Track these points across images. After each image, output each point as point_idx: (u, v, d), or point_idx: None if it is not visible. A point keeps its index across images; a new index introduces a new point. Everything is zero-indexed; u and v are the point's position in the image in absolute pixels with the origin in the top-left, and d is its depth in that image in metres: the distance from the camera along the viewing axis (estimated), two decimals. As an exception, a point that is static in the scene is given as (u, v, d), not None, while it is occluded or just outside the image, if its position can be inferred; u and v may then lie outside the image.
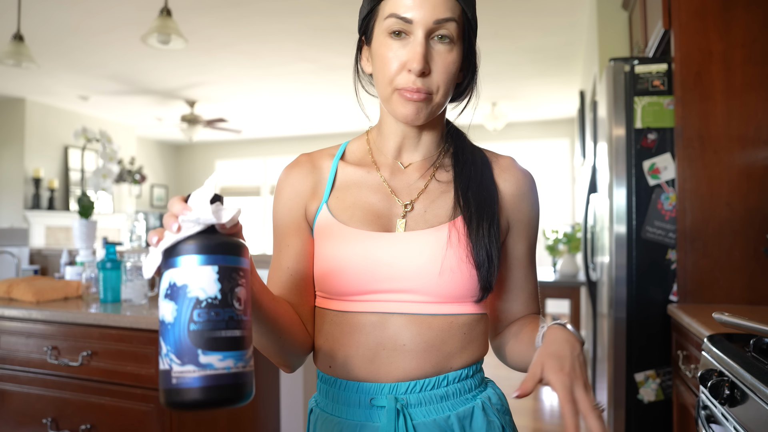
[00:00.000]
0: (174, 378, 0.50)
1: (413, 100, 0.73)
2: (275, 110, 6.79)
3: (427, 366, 0.73)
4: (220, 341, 0.51)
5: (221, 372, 0.50)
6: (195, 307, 0.50)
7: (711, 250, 1.77)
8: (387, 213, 0.78)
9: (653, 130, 1.87)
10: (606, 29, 3.05)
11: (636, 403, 1.86)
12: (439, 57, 0.72)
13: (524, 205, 0.82)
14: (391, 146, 0.82)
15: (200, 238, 0.53)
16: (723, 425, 0.99)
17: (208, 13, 3.76)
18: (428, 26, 0.71)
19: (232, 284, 0.52)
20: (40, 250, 2.75)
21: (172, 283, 0.52)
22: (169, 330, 0.51)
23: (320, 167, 0.84)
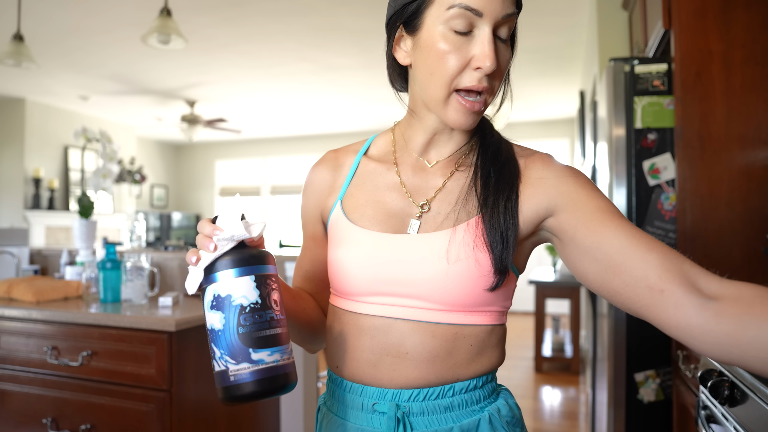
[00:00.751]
0: (231, 376, 0.58)
1: (474, 111, 0.68)
2: (275, 110, 6.79)
3: (430, 376, 0.70)
4: (266, 339, 0.59)
5: (271, 365, 0.59)
6: (240, 313, 0.59)
7: (711, 250, 1.77)
8: (400, 213, 0.74)
9: (653, 130, 1.87)
10: (606, 29, 3.05)
11: (636, 403, 1.86)
12: (501, 55, 0.67)
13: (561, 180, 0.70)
14: (420, 142, 0.77)
15: (234, 253, 0.61)
16: (723, 425, 0.99)
17: (208, 13, 3.76)
18: (497, 20, 0.65)
19: (268, 289, 0.61)
20: (40, 250, 2.75)
21: (216, 295, 0.60)
22: (221, 336, 0.59)
23: (343, 164, 0.81)
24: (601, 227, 0.64)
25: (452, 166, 0.76)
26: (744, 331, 0.53)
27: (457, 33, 0.65)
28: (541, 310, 4.26)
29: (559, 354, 4.35)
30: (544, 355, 4.29)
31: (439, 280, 0.68)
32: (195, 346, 1.78)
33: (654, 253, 0.61)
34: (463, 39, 0.65)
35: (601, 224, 0.65)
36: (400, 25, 0.72)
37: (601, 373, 2.22)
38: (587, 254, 0.65)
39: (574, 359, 4.21)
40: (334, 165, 0.82)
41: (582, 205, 0.67)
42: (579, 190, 0.68)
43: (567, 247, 0.68)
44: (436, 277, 0.68)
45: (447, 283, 0.68)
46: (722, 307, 0.56)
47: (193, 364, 1.76)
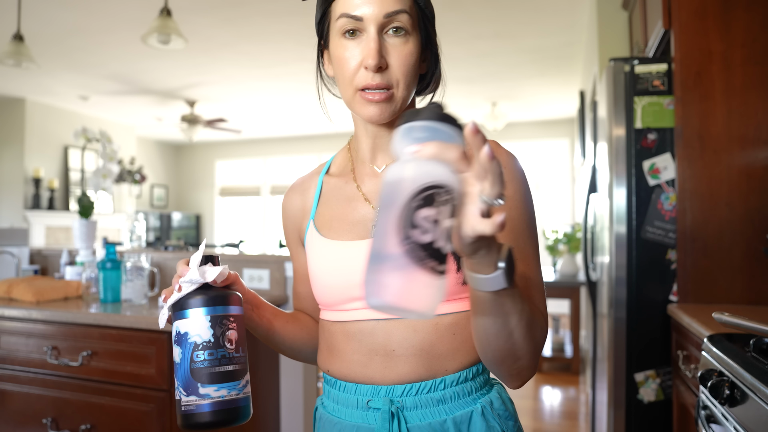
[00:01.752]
0: (183, 406, 0.65)
1: (375, 101, 0.72)
2: (275, 110, 6.79)
3: (420, 370, 0.72)
4: (214, 375, 0.65)
5: (217, 399, 0.64)
6: (194, 350, 0.65)
7: (711, 250, 1.77)
8: (363, 220, 0.78)
9: (653, 130, 1.87)
10: (606, 29, 3.05)
11: (636, 403, 1.86)
12: (395, 50, 0.72)
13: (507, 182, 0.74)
14: (365, 149, 0.82)
15: (197, 294, 0.67)
16: (723, 425, 0.99)
17: (208, 13, 3.76)
18: (379, 21, 0.70)
19: (223, 329, 0.66)
20: (40, 250, 2.75)
21: (177, 331, 0.67)
22: (178, 368, 0.66)
23: (309, 187, 0.88)
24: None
25: None
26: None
27: (348, 39, 0.73)
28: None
29: (559, 354, 4.35)
30: (544, 355, 4.29)
31: None
32: (195, 346, 1.78)
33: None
34: (354, 43, 0.72)
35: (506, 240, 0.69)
36: (320, 41, 0.81)
37: (601, 373, 2.22)
38: None
39: (574, 359, 4.21)
40: (302, 189, 0.88)
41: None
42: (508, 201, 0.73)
43: None
44: None
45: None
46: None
47: (193, 364, 1.76)
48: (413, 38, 0.73)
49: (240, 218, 9.06)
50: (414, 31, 0.73)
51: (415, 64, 0.73)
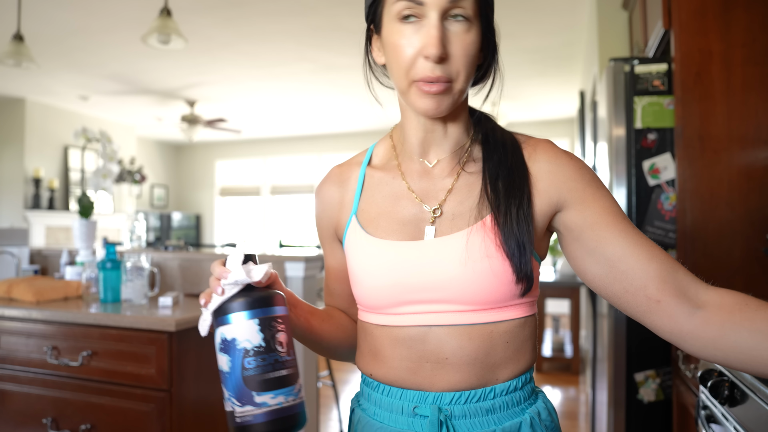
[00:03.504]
0: (238, 418, 0.61)
1: (432, 93, 0.67)
2: (275, 110, 6.79)
3: (472, 379, 0.70)
4: (269, 382, 0.60)
5: (275, 407, 0.60)
6: (245, 356, 0.60)
7: (711, 250, 1.77)
8: (414, 219, 0.74)
9: (653, 130, 1.87)
10: (606, 29, 3.05)
11: (636, 403, 1.86)
12: (457, 39, 0.66)
13: (568, 174, 0.72)
14: (415, 143, 0.76)
15: (241, 297, 0.62)
16: (723, 425, 0.99)
17: (208, 13, 3.76)
18: (442, 6, 0.65)
19: (273, 331, 0.62)
20: (40, 250, 2.75)
21: (223, 338, 0.62)
22: (228, 378, 0.61)
23: (348, 178, 0.82)
24: (606, 231, 0.68)
25: (457, 165, 0.76)
26: (725, 337, 0.61)
27: (406, 24, 0.67)
28: (541, 310, 4.26)
29: (559, 354, 4.35)
30: (544, 355, 4.29)
31: (463, 280, 0.68)
32: (195, 346, 1.78)
33: (654, 264, 0.65)
34: (412, 29, 0.67)
35: (606, 228, 0.68)
36: (370, 26, 0.75)
37: (601, 373, 2.22)
38: (590, 255, 0.69)
39: (574, 359, 4.21)
40: (340, 180, 0.82)
41: (589, 204, 0.70)
42: (586, 188, 0.71)
43: (571, 244, 0.71)
44: (460, 278, 0.68)
45: (472, 283, 0.68)
46: (707, 316, 0.63)
47: (193, 364, 1.76)
48: (475, 26, 0.68)
49: (240, 218, 9.06)
50: (476, 18, 0.68)
51: (476, 54, 0.69)
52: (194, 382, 1.77)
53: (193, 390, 1.76)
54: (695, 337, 0.63)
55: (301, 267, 2.18)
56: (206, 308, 0.64)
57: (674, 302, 0.64)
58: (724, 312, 0.62)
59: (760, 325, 0.59)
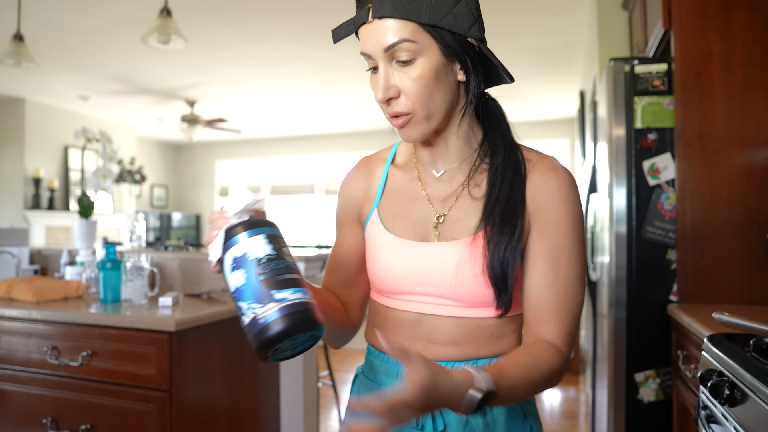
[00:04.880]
0: (260, 319, 0.63)
1: (399, 126, 0.77)
2: (275, 110, 6.79)
3: (456, 354, 0.80)
4: (285, 281, 0.65)
5: (295, 301, 0.64)
6: (258, 264, 0.65)
7: (711, 250, 1.77)
8: (424, 222, 0.84)
9: (653, 130, 1.87)
10: (606, 29, 3.05)
11: (636, 403, 1.86)
12: (404, 76, 0.75)
13: (548, 203, 0.79)
14: (424, 155, 0.87)
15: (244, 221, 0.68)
16: (723, 425, 0.99)
17: (208, 13, 3.76)
18: (383, 56, 0.74)
19: (280, 244, 0.67)
20: (40, 250, 2.75)
21: (234, 257, 0.66)
22: (244, 289, 0.64)
23: (374, 171, 0.91)
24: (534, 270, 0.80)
25: (464, 177, 0.84)
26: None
27: (372, 74, 0.78)
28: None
29: (559, 354, 4.35)
30: (544, 355, 4.29)
31: (455, 284, 0.78)
32: (195, 346, 1.78)
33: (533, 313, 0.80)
34: (375, 77, 0.77)
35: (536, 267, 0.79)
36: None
37: (601, 373, 2.22)
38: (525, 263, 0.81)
39: (574, 359, 4.21)
40: (366, 172, 0.92)
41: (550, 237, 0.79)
42: (557, 221, 0.79)
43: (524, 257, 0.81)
44: (453, 281, 0.78)
45: (462, 287, 0.78)
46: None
47: (193, 364, 1.76)
48: (424, 60, 0.74)
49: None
50: (424, 53, 0.74)
51: (431, 83, 0.75)
52: (194, 382, 1.77)
53: (193, 390, 1.76)
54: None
55: (301, 267, 2.18)
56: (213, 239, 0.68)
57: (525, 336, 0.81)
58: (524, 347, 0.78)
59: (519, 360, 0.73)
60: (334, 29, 0.78)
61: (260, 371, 2.11)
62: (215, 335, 1.87)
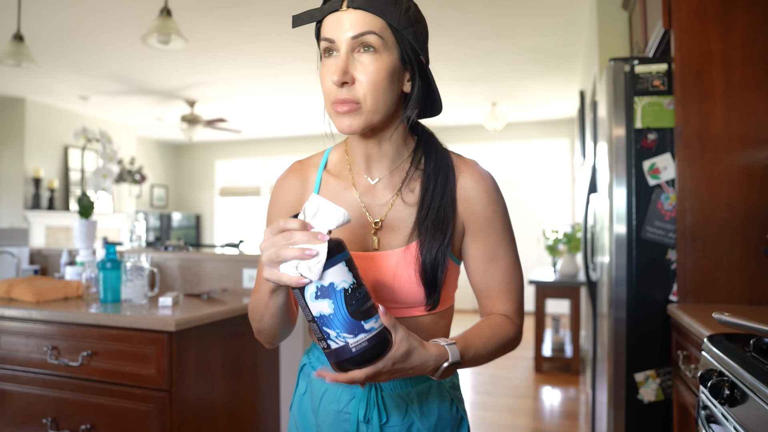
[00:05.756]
0: (353, 347, 0.68)
1: (342, 113, 0.79)
2: (275, 110, 6.79)
3: None
4: (369, 310, 0.69)
5: (379, 329, 0.70)
6: (345, 294, 0.68)
7: (711, 250, 1.77)
8: (361, 231, 0.88)
9: (653, 130, 1.87)
10: (606, 29, 3.05)
11: (636, 403, 1.86)
12: (363, 66, 0.78)
13: (478, 207, 0.88)
14: (360, 160, 0.90)
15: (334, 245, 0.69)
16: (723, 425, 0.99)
17: (208, 13, 3.76)
18: (348, 43, 0.78)
19: (355, 268, 0.70)
20: (40, 250, 2.75)
21: (318, 286, 0.68)
22: (333, 318, 0.68)
23: (308, 177, 0.93)
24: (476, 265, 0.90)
25: (397, 183, 0.89)
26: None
27: (327, 57, 0.81)
28: (541, 310, 4.26)
29: (559, 354, 4.35)
30: (544, 355, 4.29)
31: (393, 288, 0.85)
32: (195, 346, 1.78)
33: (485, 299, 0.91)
34: (330, 61, 0.80)
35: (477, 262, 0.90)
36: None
37: (601, 373, 2.22)
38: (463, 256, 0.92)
39: (574, 359, 4.21)
40: (302, 176, 0.94)
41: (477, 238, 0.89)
42: (489, 221, 0.88)
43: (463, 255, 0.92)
44: (391, 286, 0.85)
45: (399, 291, 0.85)
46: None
47: (193, 364, 1.76)
48: (386, 56, 0.79)
49: (240, 218, 9.06)
50: (386, 50, 0.79)
51: (386, 79, 0.79)
52: (194, 382, 1.77)
53: (193, 390, 1.76)
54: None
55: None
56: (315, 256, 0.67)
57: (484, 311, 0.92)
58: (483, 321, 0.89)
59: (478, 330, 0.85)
60: (296, 15, 0.81)
61: (260, 371, 2.11)
62: (215, 335, 1.87)
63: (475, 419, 3.22)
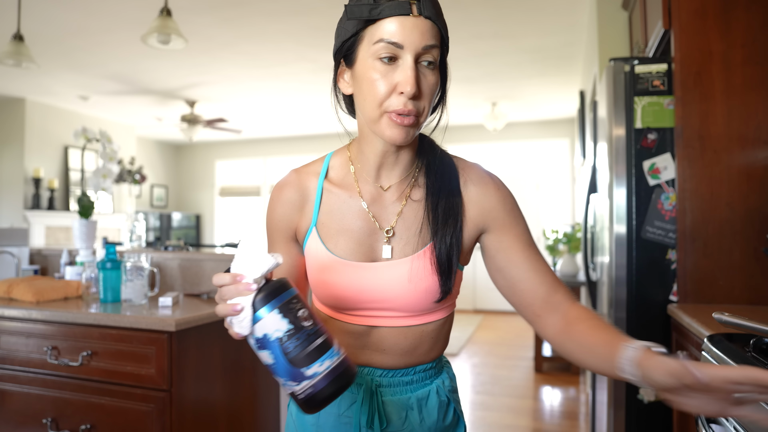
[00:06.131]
0: (300, 394, 0.67)
1: (404, 125, 0.77)
2: (275, 110, 6.79)
3: (400, 363, 0.89)
4: (311, 354, 0.66)
5: (326, 371, 0.66)
6: (281, 344, 0.66)
7: (711, 250, 1.77)
8: (368, 240, 0.86)
9: (653, 130, 1.87)
10: (606, 29, 3.05)
11: (636, 403, 1.86)
12: (425, 80, 0.77)
13: (493, 204, 0.86)
14: (372, 166, 0.86)
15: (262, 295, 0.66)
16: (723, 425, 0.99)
17: (208, 13, 3.76)
18: (417, 51, 0.75)
19: (294, 312, 0.67)
20: (40, 250, 2.75)
21: (255, 338, 0.67)
22: (276, 367, 0.67)
23: (307, 187, 0.89)
24: (514, 255, 0.86)
25: (406, 190, 0.87)
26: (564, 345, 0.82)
27: (384, 63, 0.76)
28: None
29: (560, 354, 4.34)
30: (545, 355, 4.29)
31: (405, 297, 0.84)
32: (195, 346, 1.78)
33: (542, 288, 0.85)
34: (388, 68, 0.76)
35: (514, 253, 0.86)
36: (341, 59, 0.83)
37: (601, 373, 2.22)
38: (499, 272, 0.88)
39: (574, 359, 4.21)
40: (300, 188, 0.90)
41: (506, 231, 0.87)
42: (506, 216, 0.87)
43: (487, 259, 0.89)
44: (403, 295, 0.84)
45: (412, 299, 0.84)
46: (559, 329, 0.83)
47: (193, 364, 1.76)
48: (436, 72, 0.79)
49: (240, 218, 9.06)
50: (437, 65, 0.79)
51: (436, 94, 0.80)
52: (194, 382, 1.77)
53: (193, 390, 1.76)
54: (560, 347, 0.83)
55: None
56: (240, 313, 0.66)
57: (549, 317, 0.84)
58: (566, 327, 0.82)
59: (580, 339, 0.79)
60: (351, 5, 0.77)
61: (260, 371, 2.11)
62: (215, 335, 1.87)
63: (475, 419, 3.22)
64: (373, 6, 0.75)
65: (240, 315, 0.66)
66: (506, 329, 6.08)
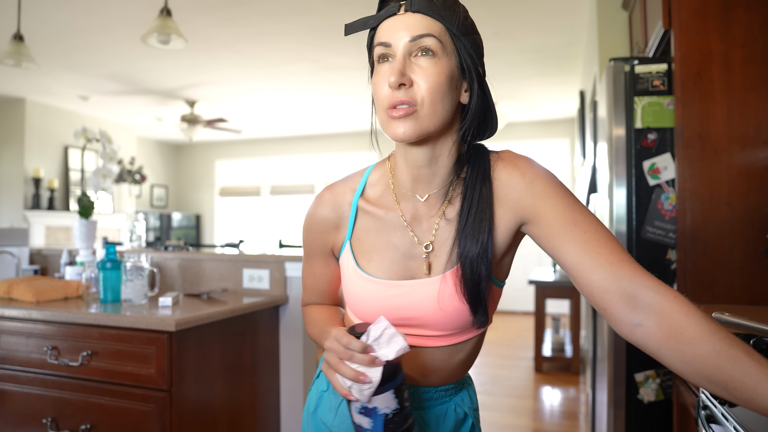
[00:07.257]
0: None
1: (399, 117, 0.75)
2: (275, 110, 6.79)
3: (420, 380, 0.88)
4: (404, 431, 0.73)
5: None
6: (386, 419, 0.72)
7: (711, 250, 1.77)
8: (404, 257, 0.84)
9: (653, 130, 1.87)
10: (606, 29, 3.05)
11: (636, 403, 1.86)
12: (421, 70, 0.75)
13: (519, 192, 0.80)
14: (407, 181, 0.84)
15: (387, 374, 0.71)
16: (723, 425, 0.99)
17: (208, 13, 3.76)
18: (405, 44, 0.75)
19: (403, 394, 0.73)
20: (40, 250, 2.75)
21: (363, 405, 0.72)
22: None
23: (342, 204, 0.88)
24: (557, 241, 0.77)
25: (443, 203, 0.84)
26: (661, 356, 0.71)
27: (382, 64, 0.77)
28: (541, 310, 4.26)
29: (559, 354, 4.34)
30: (544, 355, 4.29)
31: (435, 317, 0.82)
32: (195, 346, 1.78)
33: (597, 273, 0.73)
34: (386, 66, 0.77)
35: (556, 238, 0.77)
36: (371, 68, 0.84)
37: (601, 373, 2.22)
38: (555, 258, 0.79)
39: (574, 359, 4.21)
40: (334, 204, 0.89)
41: (541, 218, 0.78)
42: (538, 202, 0.78)
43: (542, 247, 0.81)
44: (434, 314, 0.82)
45: (442, 319, 0.82)
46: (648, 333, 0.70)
47: (193, 364, 1.76)
48: (444, 62, 0.76)
49: (240, 218, 9.06)
50: (445, 56, 0.76)
51: (445, 84, 0.75)
52: (194, 382, 1.77)
53: (193, 390, 1.76)
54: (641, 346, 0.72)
55: (301, 267, 2.17)
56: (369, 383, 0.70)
57: (618, 311, 0.71)
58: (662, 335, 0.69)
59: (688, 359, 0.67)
60: (349, 24, 0.80)
61: (260, 371, 2.11)
62: (215, 335, 1.87)
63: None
64: (371, 16, 0.79)
65: (365, 385, 0.71)
66: (506, 329, 6.08)
